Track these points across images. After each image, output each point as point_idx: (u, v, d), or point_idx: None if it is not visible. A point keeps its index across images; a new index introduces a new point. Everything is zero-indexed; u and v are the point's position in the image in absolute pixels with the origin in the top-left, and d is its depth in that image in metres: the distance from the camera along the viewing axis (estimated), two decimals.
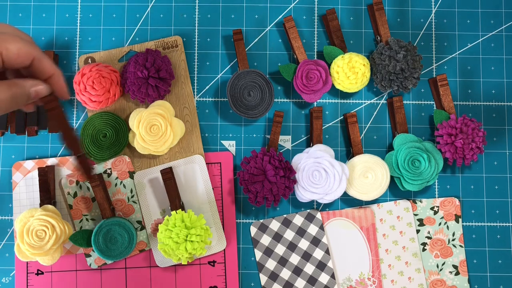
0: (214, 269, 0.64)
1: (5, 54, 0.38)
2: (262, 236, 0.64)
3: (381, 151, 0.67)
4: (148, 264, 0.64)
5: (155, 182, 0.64)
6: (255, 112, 0.63)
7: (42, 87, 0.42)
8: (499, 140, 0.67)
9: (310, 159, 0.62)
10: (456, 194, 0.66)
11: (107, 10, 0.67)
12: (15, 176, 0.64)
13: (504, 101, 0.68)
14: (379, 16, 0.65)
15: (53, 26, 0.67)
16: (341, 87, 0.64)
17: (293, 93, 0.67)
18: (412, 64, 0.63)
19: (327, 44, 0.68)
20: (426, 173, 0.62)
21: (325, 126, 0.67)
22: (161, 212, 0.64)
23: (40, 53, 0.41)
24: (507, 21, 0.69)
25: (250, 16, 0.68)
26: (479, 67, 0.68)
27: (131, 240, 0.61)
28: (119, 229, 0.61)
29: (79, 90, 0.61)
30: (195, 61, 0.67)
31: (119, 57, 0.65)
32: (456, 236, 0.65)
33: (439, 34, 0.69)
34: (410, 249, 0.64)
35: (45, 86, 0.42)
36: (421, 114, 0.67)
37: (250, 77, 0.63)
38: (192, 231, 0.58)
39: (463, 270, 0.65)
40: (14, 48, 0.38)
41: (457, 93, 0.68)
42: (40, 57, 0.41)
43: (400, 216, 0.65)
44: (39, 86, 0.42)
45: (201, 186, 0.64)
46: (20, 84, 0.40)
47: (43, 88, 0.42)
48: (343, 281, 0.64)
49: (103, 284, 0.63)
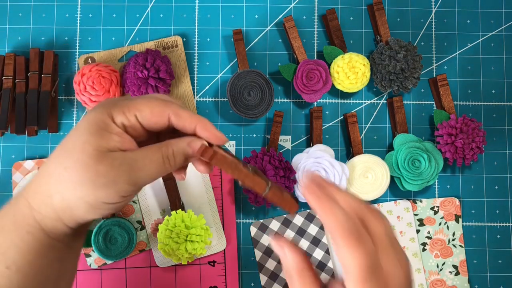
0: (214, 269, 0.64)
1: (139, 115, 0.36)
2: (262, 236, 0.64)
3: (381, 151, 0.66)
4: (148, 264, 0.64)
5: (155, 182, 0.64)
6: (255, 112, 0.63)
7: (197, 141, 0.37)
8: (499, 140, 0.67)
9: (310, 159, 0.62)
10: (456, 194, 0.66)
11: (107, 10, 0.67)
12: (15, 176, 0.64)
13: (504, 101, 0.68)
14: (379, 16, 0.65)
15: (53, 26, 0.67)
16: (341, 87, 0.64)
17: (293, 93, 0.67)
18: (412, 64, 0.63)
19: (327, 44, 0.68)
20: (426, 173, 0.62)
21: (325, 126, 0.67)
22: (161, 212, 0.64)
23: (177, 108, 0.37)
24: (507, 21, 0.69)
25: (250, 16, 0.68)
26: (479, 67, 0.68)
27: (131, 240, 0.61)
28: (119, 229, 0.61)
29: (79, 90, 0.61)
30: (195, 61, 0.67)
31: (119, 57, 0.65)
32: (456, 236, 0.65)
33: (439, 34, 0.69)
34: (410, 249, 0.64)
35: (200, 140, 0.37)
36: (421, 114, 0.67)
37: (250, 77, 0.63)
38: (192, 231, 0.58)
39: (463, 270, 0.65)
40: (146, 108, 0.36)
41: (457, 93, 0.68)
42: (176, 112, 0.36)
43: (400, 216, 0.65)
44: (195, 142, 0.37)
45: (201, 186, 0.64)
46: (172, 143, 0.37)
47: (198, 142, 0.37)
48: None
49: (103, 284, 0.63)
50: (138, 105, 0.36)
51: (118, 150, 0.35)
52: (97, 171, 0.34)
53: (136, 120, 0.36)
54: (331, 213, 0.32)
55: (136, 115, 0.36)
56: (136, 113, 0.36)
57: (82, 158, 0.34)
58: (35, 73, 0.63)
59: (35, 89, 0.63)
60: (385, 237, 0.33)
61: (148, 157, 0.36)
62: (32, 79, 0.63)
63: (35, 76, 0.63)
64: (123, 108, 0.36)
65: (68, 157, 0.35)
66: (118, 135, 0.35)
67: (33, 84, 0.63)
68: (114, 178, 0.34)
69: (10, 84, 0.63)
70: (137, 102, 0.36)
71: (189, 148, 0.37)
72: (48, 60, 0.63)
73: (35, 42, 0.66)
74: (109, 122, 0.35)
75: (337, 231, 0.31)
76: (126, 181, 0.35)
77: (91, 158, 0.34)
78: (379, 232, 0.33)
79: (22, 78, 0.63)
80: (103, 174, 0.34)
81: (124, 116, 0.36)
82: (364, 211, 0.33)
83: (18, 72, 0.63)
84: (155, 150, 0.36)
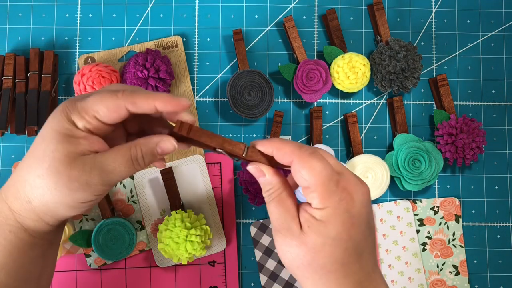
0: (214, 269, 0.64)
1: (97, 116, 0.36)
2: (262, 236, 0.64)
3: (381, 151, 0.66)
4: (148, 264, 0.64)
5: (155, 182, 0.64)
6: (255, 112, 0.63)
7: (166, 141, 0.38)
8: (499, 140, 0.67)
9: None
10: (456, 194, 0.66)
11: (107, 10, 0.67)
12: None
13: (504, 101, 0.68)
14: (379, 16, 0.65)
15: (53, 26, 0.67)
16: (341, 87, 0.64)
17: (293, 93, 0.67)
18: (412, 64, 0.63)
19: (327, 44, 0.68)
20: (426, 173, 0.62)
21: (325, 126, 0.67)
22: (161, 212, 0.64)
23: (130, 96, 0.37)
24: (507, 21, 0.69)
25: (250, 16, 0.68)
26: (479, 67, 0.68)
27: (131, 240, 0.61)
28: (119, 229, 0.61)
29: (79, 90, 0.61)
30: (195, 61, 0.67)
31: (119, 57, 0.65)
32: (456, 236, 0.65)
33: (439, 34, 0.69)
34: (410, 249, 0.64)
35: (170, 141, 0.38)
36: (421, 114, 0.67)
37: (250, 77, 0.63)
38: (192, 231, 0.58)
39: (463, 270, 0.65)
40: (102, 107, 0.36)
41: (457, 93, 0.68)
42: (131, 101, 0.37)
43: (400, 216, 0.65)
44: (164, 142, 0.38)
45: (201, 186, 0.64)
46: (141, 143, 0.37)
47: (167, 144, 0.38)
48: None
49: (103, 284, 0.63)
50: (93, 106, 0.36)
51: (89, 152, 0.36)
52: (70, 176, 0.35)
53: (97, 120, 0.37)
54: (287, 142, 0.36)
55: (95, 116, 0.36)
56: (95, 114, 0.36)
57: (53, 165, 0.35)
58: (35, 73, 0.63)
59: (35, 89, 0.63)
60: (340, 164, 0.38)
61: (118, 160, 0.37)
62: (32, 79, 0.63)
63: (35, 76, 0.63)
64: (80, 112, 0.36)
65: (40, 166, 0.36)
66: (85, 138, 0.36)
67: (33, 84, 0.63)
68: (86, 181, 0.36)
69: (10, 84, 0.63)
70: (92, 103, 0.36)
71: (159, 148, 0.38)
72: (48, 60, 0.63)
73: (35, 42, 0.66)
74: (72, 128, 0.36)
75: (295, 153, 0.35)
76: (98, 183, 0.36)
77: (62, 165, 0.35)
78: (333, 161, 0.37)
79: (22, 78, 0.63)
80: (76, 179, 0.35)
81: (84, 120, 0.36)
82: None
83: (18, 72, 0.63)
84: (124, 152, 0.37)
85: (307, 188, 0.36)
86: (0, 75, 0.63)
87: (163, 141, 0.38)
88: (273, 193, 0.38)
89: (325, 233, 0.35)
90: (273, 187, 0.38)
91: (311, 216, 0.36)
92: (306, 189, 0.36)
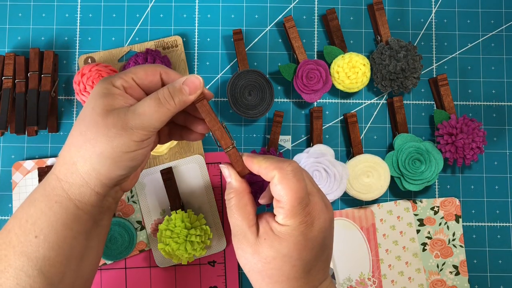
0: (214, 269, 0.64)
1: (135, 77, 0.40)
2: None
3: (381, 151, 0.66)
4: (148, 264, 0.64)
5: (155, 182, 0.64)
6: (255, 112, 0.63)
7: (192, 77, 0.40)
8: (499, 140, 0.67)
9: (310, 159, 0.62)
10: (456, 194, 0.66)
11: (107, 10, 0.67)
12: (15, 176, 0.64)
13: (504, 101, 0.68)
14: (379, 16, 0.65)
15: (53, 26, 0.67)
16: (341, 87, 0.64)
17: (293, 93, 0.67)
18: (412, 64, 0.63)
19: (327, 44, 0.68)
20: (426, 173, 0.62)
21: (325, 126, 0.67)
22: (161, 212, 0.64)
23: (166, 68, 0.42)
24: (507, 21, 0.69)
25: (250, 16, 0.68)
26: (479, 67, 0.68)
27: (131, 240, 0.61)
28: (119, 229, 0.61)
29: (79, 90, 0.61)
30: (195, 61, 0.67)
31: (119, 57, 0.65)
32: (456, 236, 0.65)
33: (439, 34, 0.69)
34: (410, 249, 0.64)
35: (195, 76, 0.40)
36: (421, 114, 0.67)
37: (250, 77, 0.63)
38: (192, 231, 0.58)
39: (463, 270, 0.65)
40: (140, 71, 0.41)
41: (457, 93, 0.68)
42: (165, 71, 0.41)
43: (400, 216, 0.65)
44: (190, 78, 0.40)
45: (201, 186, 0.64)
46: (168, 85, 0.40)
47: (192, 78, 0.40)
48: (343, 281, 0.64)
49: (103, 284, 0.63)
50: (133, 70, 0.41)
51: (125, 106, 0.39)
52: (107, 124, 0.38)
53: (133, 81, 0.40)
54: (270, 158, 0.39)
55: (133, 77, 0.40)
56: (132, 76, 0.40)
57: (92, 118, 0.38)
58: (35, 73, 0.63)
59: (35, 89, 0.63)
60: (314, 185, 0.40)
61: (147, 102, 0.39)
62: (32, 79, 0.63)
63: (35, 76, 0.63)
64: (120, 75, 0.40)
65: (82, 123, 0.39)
66: (120, 95, 0.39)
67: (33, 84, 0.63)
68: (122, 126, 0.38)
69: (10, 84, 0.63)
70: (132, 68, 0.41)
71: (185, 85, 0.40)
72: (48, 60, 0.63)
73: (35, 42, 0.66)
74: (110, 87, 0.39)
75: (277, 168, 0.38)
76: (134, 126, 0.38)
77: (99, 116, 0.38)
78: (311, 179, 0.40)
79: (22, 78, 0.63)
80: (113, 125, 0.38)
81: (122, 79, 0.40)
82: None
83: (18, 72, 0.63)
84: (153, 94, 0.40)
85: (278, 202, 0.38)
86: (0, 75, 0.63)
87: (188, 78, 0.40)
88: (232, 198, 0.40)
89: (278, 248, 0.38)
90: (234, 191, 0.41)
91: (270, 228, 0.39)
92: (277, 202, 0.38)
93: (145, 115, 0.38)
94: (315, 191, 0.40)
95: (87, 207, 0.39)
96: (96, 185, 0.39)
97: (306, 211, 0.38)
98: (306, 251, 0.38)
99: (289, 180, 0.37)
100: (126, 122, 0.38)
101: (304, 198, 0.38)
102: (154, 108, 0.39)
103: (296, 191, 0.37)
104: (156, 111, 0.39)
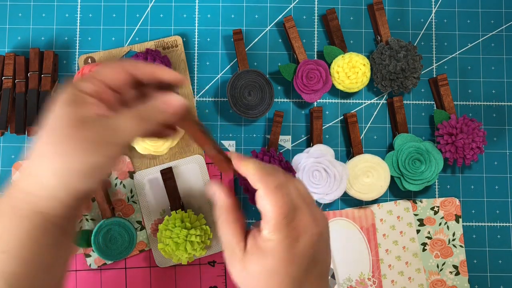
0: (214, 269, 0.64)
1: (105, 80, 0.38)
2: None
3: (381, 151, 0.66)
4: (148, 264, 0.64)
5: (155, 182, 0.64)
6: (255, 112, 0.63)
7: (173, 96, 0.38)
8: (499, 140, 0.67)
9: (310, 159, 0.62)
10: (456, 194, 0.66)
11: (107, 10, 0.67)
12: (15, 176, 0.64)
13: (504, 101, 0.68)
14: (379, 16, 0.65)
15: (53, 26, 0.67)
16: (341, 87, 0.64)
17: (293, 93, 0.67)
18: (412, 64, 0.63)
19: (327, 44, 0.68)
20: (426, 173, 0.62)
21: (325, 126, 0.67)
22: (161, 212, 0.64)
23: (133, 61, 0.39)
24: (507, 21, 0.69)
25: (250, 16, 0.68)
26: (479, 67, 0.68)
27: (131, 240, 0.61)
28: (119, 229, 0.61)
29: None
30: (195, 61, 0.67)
31: (119, 57, 0.65)
32: (456, 236, 0.65)
33: (439, 34, 0.69)
34: (410, 249, 0.64)
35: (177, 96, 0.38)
36: (421, 114, 0.67)
37: (250, 77, 0.63)
38: (192, 231, 0.58)
39: (463, 270, 0.65)
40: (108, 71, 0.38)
41: (457, 93, 0.68)
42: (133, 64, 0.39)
43: (400, 216, 0.65)
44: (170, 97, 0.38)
45: (201, 186, 0.64)
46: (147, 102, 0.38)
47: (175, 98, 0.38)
48: (343, 281, 0.64)
49: (103, 284, 0.63)
50: (99, 70, 0.38)
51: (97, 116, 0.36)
52: (80, 138, 0.35)
53: (102, 82, 0.37)
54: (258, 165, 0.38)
55: (102, 80, 0.37)
56: (102, 79, 0.37)
57: (62, 130, 0.35)
58: (35, 73, 0.63)
59: (35, 89, 0.63)
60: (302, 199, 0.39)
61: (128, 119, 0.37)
62: (32, 79, 0.63)
63: (35, 76, 0.63)
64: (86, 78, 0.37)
65: (50, 134, 0.35)
66: (92, 103, 0.36)
67: (33, 84, 0.63)
68: (99, 141, 0.35)
69: (10, 84, 0.63)
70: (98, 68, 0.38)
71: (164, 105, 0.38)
72: (48, 60, 0.63)
73: (35, 42, 0.66)
74: (79, 93, 0.36)
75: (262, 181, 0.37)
76: (112, 142, 0.35)
77: (70, 128, 0.35)
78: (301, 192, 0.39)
79: (22, 78, 0.63)
80: (86, 140, 0.35)
81: (89, 83, 0.37)
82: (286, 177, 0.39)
83: (18, 72, 0.63)
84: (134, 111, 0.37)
85: (264, 216, 0.38)
86: (0, 75, 0.63)
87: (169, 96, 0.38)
88: (222, 213, 0.40)
89: (264, 263, 0.37)
90: (223, 206, 0.40)
91: (256, 243, 0.38)
92: (263, 216, 0.38)
93: (125, 132, 0.36)
94: (304, 206, 0.38)
95: (55, 219, 0.37)
96: (66, 198, 0.36)
97: (291, 226, 0.37)
98: (292, 266, 0.37)
99: (274, 196, 0.37)
100: (103, 137, 0.35)
101: (289, 214, 0.37)
102: (135, 127, 0.37)
103: (280, 206, 0.37)
104: (137, 130, 0.37)
